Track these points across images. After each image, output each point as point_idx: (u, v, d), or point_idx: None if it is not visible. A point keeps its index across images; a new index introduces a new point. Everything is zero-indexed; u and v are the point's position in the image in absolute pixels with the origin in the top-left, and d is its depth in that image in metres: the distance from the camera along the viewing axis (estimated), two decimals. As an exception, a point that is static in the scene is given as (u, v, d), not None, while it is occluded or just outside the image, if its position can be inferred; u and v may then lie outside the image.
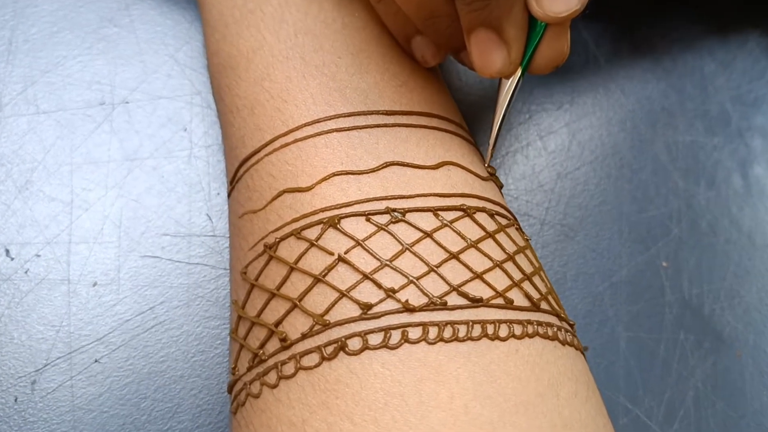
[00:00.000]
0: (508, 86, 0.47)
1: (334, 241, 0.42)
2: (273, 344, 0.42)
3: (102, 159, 0.59)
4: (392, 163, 0.44)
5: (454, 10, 0.45)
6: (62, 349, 0.54)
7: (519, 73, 0.47)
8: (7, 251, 0.56)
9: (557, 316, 0.45)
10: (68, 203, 0.57)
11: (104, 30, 0.63)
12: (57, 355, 0.53)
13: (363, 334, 0.39)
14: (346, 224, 0.42)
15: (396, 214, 0.42)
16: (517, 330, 0.41)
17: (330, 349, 0.39)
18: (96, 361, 0.53)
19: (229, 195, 0.50)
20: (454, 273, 0.42)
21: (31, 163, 0.58)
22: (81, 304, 0.55)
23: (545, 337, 0.42)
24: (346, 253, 0.41)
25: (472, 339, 0.40)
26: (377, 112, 0.47)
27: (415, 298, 0.40)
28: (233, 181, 0.49)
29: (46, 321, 0.54)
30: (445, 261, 0.42)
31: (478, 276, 0.42)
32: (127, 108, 0.61)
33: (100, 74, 0.61)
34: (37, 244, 0.56)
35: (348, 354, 0.39)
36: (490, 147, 0.48)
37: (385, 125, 0.46)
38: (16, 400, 0.52)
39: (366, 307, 0.40)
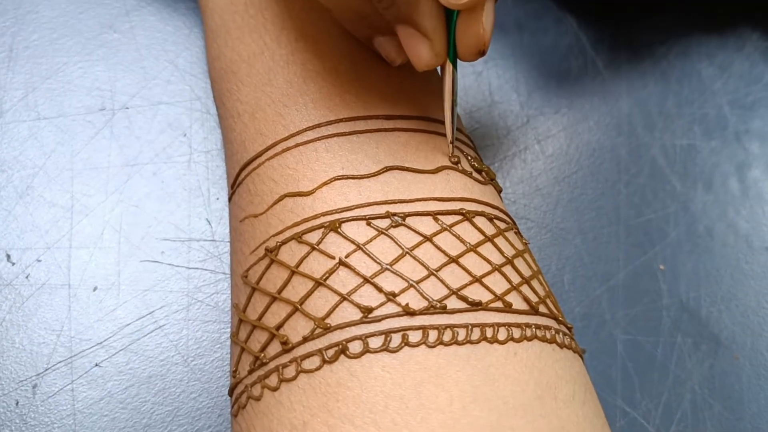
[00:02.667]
0: (446, 79, 0.47)
1: (335, 245, 0.42)
2: (274, 347, 0.42)
3: (102, 164, 0.59)
4: (392, 168, 0.45)
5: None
6: (63, 353, 0.54)
7: (449, 64, 0.46)
8: (8, 256, 0.56)
9: (555, 319, 0.45)
10: (69, 208, 0.57)
11: (104, 36, 0.63)
12: (58, 359, 0.53)
13: (364, 338, 0.39)
14: (346, 228, 0.42)
15: (396, 218, 0.43)
16: (516, 333, 0.41)
17: (331, 352, 0.40)
18: (96, 365, 0.54)
19: (229, 199, 0.50)
20: (454, 277, 0.42)
21: (32, 168, 0.58)
22: (81, 309, 0.55)
23: (543, 340, 0.43)
24: (347, 257, 0.42)
25: (471, 342, 0.40)
26: (377, 117, 0.47)
27: (416, 301, 0.40)
28: (234, 186, 0.49)
29: (46, 325, 0.54)
30: (445, 265, 0.42)
31: (477, 280, 0.42)
32: (127, 114, 0.61)
33: (100, 80, 0.62)
34: (37, 249, 0.56)
35: (349, 357, 0.39)
36: (449, 141, 0.47)
37: (385, 130, 0.46)
38: (17, 404, 0.52)
39: (367, 310, 0.40)
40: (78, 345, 0.54)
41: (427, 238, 0.42)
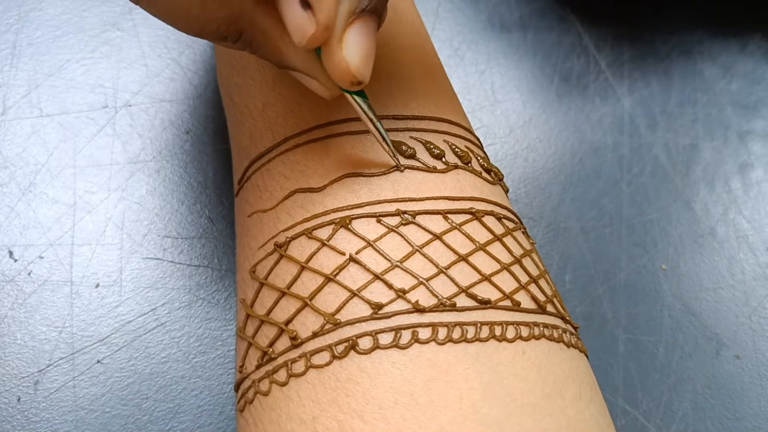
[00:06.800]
0: (352, 104, 0.45)
1: (346, 242, 0.42)
2: (283, 342, 0.42)
3: (105, 162, 0.59)
4: (402, 166, 0.45)
5: None
6: (65, 349, 0.54)
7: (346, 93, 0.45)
8: (11, 253, 0.56)
9: (562, 318, 0.45)
10: (71, 205, 0.57)
11: (107, 34, 0.63)
12: (60, 355, 0.53)
13: (374, 334, 0.39)
14: (357, 225, 0.42)
15: (406, 216, 0.43)
16: (524, 332, 0.42)
17: (341, 347, 0.40)
18: (98, 361, 0.54)
19: (236, 195, 0.50)
20: (463, 275, 0.42)
21: (35, 165, 0.58)
22: (83, 306, 0.55)
23: (551, 339, 0.43)
24: (357, 253, 0.42)
25: (480, 340, 0.40)
26: (387, 117, 0.47)
27: (425, 298, 0.41)
28: (241, 181, 0.49)
29: (49, 322, 0.54)
30: (454, 263, 0.42)
31: (486, 278, 0.42)
32: (129, 111, 0.61)
33: (103, 78, 0.62)
34: (40, 245, 0.56)
35: (359, 353, 0.39)
36: (389, 152, 0.46)
37: (396, 129, 0.46)
38: (19, 400, 0.52)
39: (377, 306, 0.40)
40: (80, 342, 0.54)
41: (437, 237, 0.42)
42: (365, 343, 0.40)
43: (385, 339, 0.39)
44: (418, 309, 0.40)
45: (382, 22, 0.43)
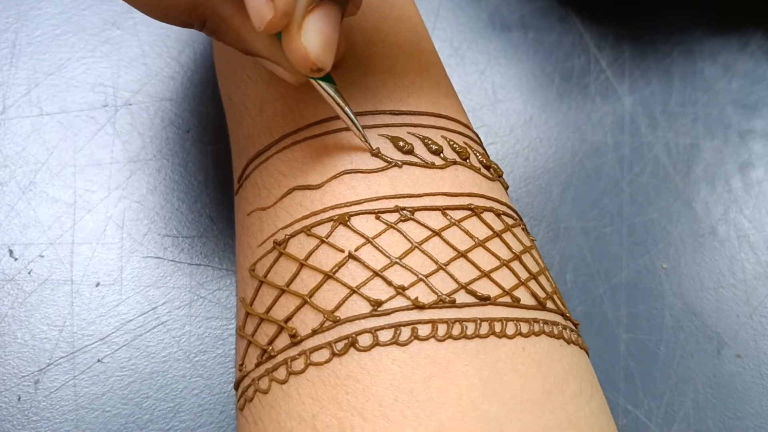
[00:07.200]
0: (318, 90, 0.45)
1: (345, 239, 0.42)
2: (282, 340, 0.42)
3: (105, 161, 0.59)
4: (401, 162, 0.45)
5: None
6: (65, 348, 0.54)
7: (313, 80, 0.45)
8: (11, 252, 0.56)
9: (562, 315, 0.45)
10: (71, 204, 0.57)
11: (107, 33, 0.63)
12: (60, 354, 0.53)
13: (373, 331, 0.39)
14: (356, 222, 0.42)
15: (405, 212, 0.43)
16: (524, 328, 0.42)
17: (340, 345, 0.40)
18: (99, 360, 0.54)
19: (236, 193, 0.50)
20: (463, 271, 0.42)
21: (35, 164, 0.58)
22: (84, 305, 0.55)
23: (551, 335, 0.43)
24: (356, 250, 0.42)
25: (480, 336, 0.40)
26: (384, 112, 0.47)
27: (425, 295, 0.41)
28: (241, 179, 0.49)
29: (49, 321, 0.54)
30: (454, 259, 0.42)
31: (486, 274, 0.42)
32: (130, 110, 0.61)
33: (103, 76, 0.62)
34: (40, 244, 0.56)
35: (358, 350, 0.39)
36: (361, 138, 0.46)
37: (393, 125, 0.46)
38: (19, 399, 0.52)
39: (376, 303, 0.40)
40: (80, 341, 0.54)
41: (436, 233, 0.42)
42: (365, 340, 0.40)
43: (385, 336, 0.39)
44: (417, 306, 0.40)
45: (349, 13, 0.44)
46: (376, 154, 0.45)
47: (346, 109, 0.44)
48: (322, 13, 0.40)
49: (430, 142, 0.46)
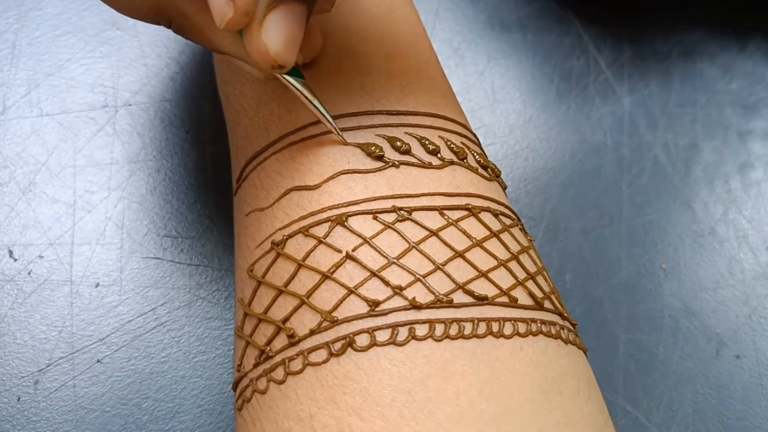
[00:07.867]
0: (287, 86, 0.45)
1: (342, 239, 0.42)
2: (280, 341, 0.42)
3: (105, 161, 0.59)
4: (398, 162, 0.45)
5: None
6: (65, 349, 0.54)
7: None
8: (11, 252, 0.56)
9: (560, 315, 0.45)
10: (71, 205, 0.57)
11: (107, 33, 0.64)
12: (60, 355, 0.53)
13: (371, 331, 0.39)
14: (353, 222, 0.42)
15: (402, 212, 0.43)
16: (522, 328, 0.42)
17: (338, 345, 0.40)
18: (98, 361, 0.54)
19: (234, 194, 0.50)
20: (460, 271, 0.42)
21: (35, 165, 0.58)
22: (83, 305, 0.55)
23: (549, 335, 0.43)
24: (353, 250, 0.42)
25: (477, 336, 0.40)
26: (381, 112, 0.47)
27: (422, 295, 0.40)
28: (239, 180, 0.49)
29: (48, 321, 0.54)
30: (451, 259, 0.42)
31: (483, 274, 0.42)
32: (129, 111, 0.61)
33: (103, 77, 0.62)
34: (40, 245, 0.56)
35: (356, 350, 0.39)
36: (332, 130, 0.46)
37: (390, 125, 0.46)
38: (19, 400, 0.52)
39: (374, 304, 0.40)
40: (80, 341, 0.54)
41: (434, 233, 0.42)
42: (362, 340, 0.40)
43: (382, 336, 0.39)
44: (415, 306, 0.40)
45: (321, 9, 0.45)
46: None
47: (315, 102, 0.44)
48: (284, 12, 0.40)
49: (427, 142, 0.46)
